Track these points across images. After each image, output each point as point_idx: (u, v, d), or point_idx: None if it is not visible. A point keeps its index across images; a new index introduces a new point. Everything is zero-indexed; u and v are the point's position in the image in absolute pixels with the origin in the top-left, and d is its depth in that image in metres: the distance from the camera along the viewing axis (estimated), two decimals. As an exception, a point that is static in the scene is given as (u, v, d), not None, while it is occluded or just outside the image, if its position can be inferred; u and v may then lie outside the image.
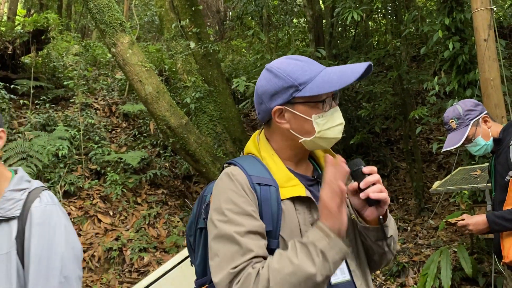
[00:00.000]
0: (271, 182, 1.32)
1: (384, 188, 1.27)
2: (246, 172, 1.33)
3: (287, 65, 1.36)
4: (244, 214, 1.26)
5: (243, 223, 1.24)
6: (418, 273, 4.97)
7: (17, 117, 7.26)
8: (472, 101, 2.59)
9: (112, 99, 8.78)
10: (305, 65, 1.35)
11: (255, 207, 1.28)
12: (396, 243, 1.45)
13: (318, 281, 1.14)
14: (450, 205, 6.53)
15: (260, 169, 1.36)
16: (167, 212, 6.43)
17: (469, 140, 2.52)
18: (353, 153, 8.24)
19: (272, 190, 1.31)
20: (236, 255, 1.20)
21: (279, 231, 1.28)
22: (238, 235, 1.22)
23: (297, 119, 1.34)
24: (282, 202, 1.31)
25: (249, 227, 1.24)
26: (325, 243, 1.16)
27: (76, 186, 6.14)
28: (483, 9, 3.86)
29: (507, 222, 2.27)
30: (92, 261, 5.32)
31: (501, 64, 4.01)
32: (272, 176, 1.34)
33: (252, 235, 1.23)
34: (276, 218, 1.29)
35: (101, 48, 10.66)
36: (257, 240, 1.23)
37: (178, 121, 6.19)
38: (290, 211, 1.31)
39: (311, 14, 8.30)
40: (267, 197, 1.30)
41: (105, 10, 6.04)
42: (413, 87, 7.73)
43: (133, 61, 6.11)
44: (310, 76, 1.31)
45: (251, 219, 1.26)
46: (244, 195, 1.29)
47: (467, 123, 2.51)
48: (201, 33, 7.29)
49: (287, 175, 1.35)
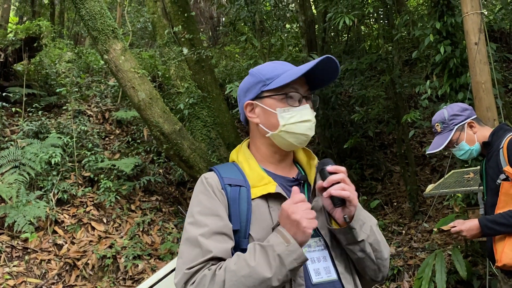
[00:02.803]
0: (242, 183, 1.37)
1: (350, 186, 1.27)
2: (219, 175, 1.39)
3: (263, 67, 1.45)
4: (210, 214, 1.30)
5: (208, 223, 1.28)
6: (413, 276, 4.97)
7: (9, 125, 7.22)
8: (460, 106, 2.60)
9: (105, 105, 8.75)
10: (278, 65, 1.44)
11: (223, 207, 1.33)
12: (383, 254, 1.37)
13: (273, 286, 1.16)
14: (444, 208, 6.55)
15: (234, 172, 1.41)
16: (161, 219, 6.40)
17: (453, 145, 2.55)
18: (347, 157, 8.26)
19: (242, 190, 1.35)
20: (196, 257, 1.23)
21: (248, 230, 1.30)
22: (202, 237, 1.25)
23: (265, 113, 1.41)
24: (253, 201, 1.34)
25: (214, 227, 1.27)
26: (284, 248, 1.17)
27: (69, 193, 6.10)
28: (473, 13, 3.89)
29: (499, 226, 2.28)
30: (86, 269, 5.28)
31: (492, 67, 4.04)
32: (245, 178, 1.38)
33: (216, 236, 1.26)
34: (245, 217, 1.31)
35: (94, 55, 10.64)
36: (220, 241, 1.26)
37: (172, 127, 6.18)
38: (262, 210, 1.34)
39: (303, 20, 8.34)
40: (236, 197, 1.34)
41: (97, 17, 6.03)
42: (406, 91, 7.77)
43: (126, 67, 6.09)
44: (278, 73, 1.40)
45: (217, 219, 1.29)
46: (212, 196, 1.34)
47: (451, 128, 2.54)
48: (194, 39, 7.29)
49: (259, 175, 1.39)
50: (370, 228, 1.34)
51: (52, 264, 5.20)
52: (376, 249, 1.35)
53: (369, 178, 8.01)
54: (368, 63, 7.40)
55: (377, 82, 7.94)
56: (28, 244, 5.30)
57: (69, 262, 5.28)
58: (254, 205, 1.34)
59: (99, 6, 6.10)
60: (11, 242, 5.25)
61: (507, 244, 2.26)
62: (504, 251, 2.26)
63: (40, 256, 5.23)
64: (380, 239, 1.37)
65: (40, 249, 5.32)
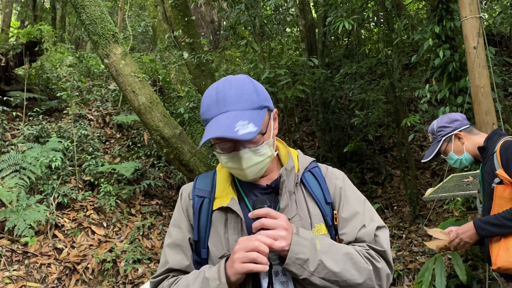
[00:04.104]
0: (206, 194, 1.41)
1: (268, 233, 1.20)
2: (194, 185, 1.46)
3: (205, 96, 1.37)
4: (175, 225, 1.42)
5: (173, 235, 1.41)
6: (413, 280, 4.96)
7: (10, 129, 7.23)
8: (449, 117, 2.69)
9: (106, 110, 8.77)
10: (212, 102, 1.31)
11: (185, 219, 1.42)
12: (350, 282, 1.25)
13: None
14: (445, 212, 6.54)
15: (206, 182, 1.45)
16: (161, 223, 6.40)
17: (444, 154, 2.69)
18: (347, 161, 8.26)
19: (205, 201, 1.40)
20: (161, 267, 1.38)
21: (207, 241, 1.36)
22: (167, 247, 1.40)
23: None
24: (214, 212, 1.37)
25: (175, 239, 1.39)
26: (215, 286, 1.21)
27: (70, 197, 6.11)
28: (472, 17, 3.90)
29: (492, 226, 2.29)
30: (86, 273, 5.28)
31: (491, 71, 4.04)
32: (214, 188, 1.42)
33: (175, 248, 1.38)
34: (205, 228, 1.37)
35: (95, 59, 10.68)
36: (177, 253, 1.37)
37: (172, 131, 6.19)
38: (218, 222, 1.37)
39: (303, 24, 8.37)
40: (197, 208, 1.39)
41: (98, 22, 6.06)
42: (405, 94, 7.78)
43: (126, 71, 6.11)
44: (207, 117, 1.31)
45: (179, 231, 1.40)
46: (180, 209, 1.44)
47: (439, 139, 2.67)
48: (195, 43, 7.31)
49: (223, 186, 1.41)
50: (318, 263, 1.22)
51: (52, 268, 5.20)
52: (335, 281, 1.24)
53: (370, 181, 8.00)
54: (368, 67, 7.42)
55: (377, 86, 7.95)
56: (28, 248, 5.30)
57: (69, 266, 5.28)
58: (214, 217, 1.37)
59: (99, 10, 6.13)
60: (11, 246, 5.25)
61: (502, 247, 2.27)
62: (499, 254, 2.27)
63: (40, 260, 5.23)
64: (339, 270, 1.24)
65: (40, 253, 5.33)
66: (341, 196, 1.43)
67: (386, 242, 1.36)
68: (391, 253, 1.38)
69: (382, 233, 1.38)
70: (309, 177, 1.44)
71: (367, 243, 1.35)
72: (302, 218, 1.36)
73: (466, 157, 2.61)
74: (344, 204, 1.41)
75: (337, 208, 1.41)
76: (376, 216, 1.43)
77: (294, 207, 1.36)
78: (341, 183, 1.46)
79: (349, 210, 1.40)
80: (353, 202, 1.43)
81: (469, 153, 2.60)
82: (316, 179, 1.44)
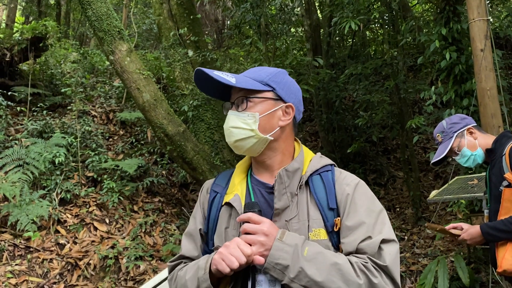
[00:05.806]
0: (220, 190, 1.49)
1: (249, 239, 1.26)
2: (215, 180, 1.55)
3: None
4: (193, 216, 1.54)
5: (190, 224, 1.54)
6: (416, 282, 4.96)
7: (14, 124, 7.24)
8: (458, 116, 2.66)
9: (110, 106, 8.78)
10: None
11: (200, 210, 1.52)
12: None
13: None
14: (447, 215, 6.53)
15: (224, 178, 1.54)
16: (163, 220, 6.40)
17: (455, 152, 2.59)
18: (351, 162, 8.25)
19: (217, 196, 1.48)
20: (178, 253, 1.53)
21: (213, 234, 1.44)
22: (184, 235, 1.54)
23: None
24: (222, 207, 1.45)
25: (189, 228, 1.52)
26: (202, 274, 1.32)
27: (73, 193, 6.11)
28: (480, 19, 3.89)
29: (500, 232, 2.29)
30: (88, 269, 5.28)
31: (498, 74, 4.03)
32: (227, 184, 1.49)
33: (189, 236, 1.51)
34: (213, 221, 1.45)
35: (99, 56, 10.68)
36: (189, 242, 1.50)
37: (176, 129, 6.19)
38: (224, 216, 1.43)
39: (308, 24, 8.36)
40: (210, 202, 1.49)
41: (104, 18, 6.06)
42: (410, 96, 7.76)
43: (131, 68, 6.11)
44: None
45: (193, 221, 1.52)
46: (199, 201, 1.55)
47: (451, 135, 2.59)
48: (199, 41, 7.31)
49: (233, 182, 1.48)
50: (298, 271, 1.21)
51: (54, 264, 5.21)
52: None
53: (372, 183, 7.99)
54: (373, 68, 7.40)
55: (382, 87, 7.94)
56: (30, 243, 5.31)
57: (71, 261, 5.29)
58: (221, 211, 1.44)
59: (105, 7, 6.13)
60: (14, 241, 5.26)
61: (508, 250, 2.27)
62: (505, 257, 2.27)
63: (42, 255, 5.24)
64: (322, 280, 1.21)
65: (42, 248, 5.33)
66: (348, 203, 1.36)
67: (390, 257, 1.27)
68: (398, 269, 1.29)
69: (388, 247, 1.29)
70: (316, 180, 1.41)
71: (368, 255, 1.27)
72: (300, 221, 1.33)
73: (480, 153, 2.52)
74: (350, 212, 1.34)
75: (342, 215, 1.35)
76: (387, 230, 1.33)
77: (295, 209, 1.35)
78: (350, 189, 1.38)
79: (355, 219, 1.33)
80: (361, 211, 1.34)
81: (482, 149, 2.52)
82: (323, 183, 1.40)
